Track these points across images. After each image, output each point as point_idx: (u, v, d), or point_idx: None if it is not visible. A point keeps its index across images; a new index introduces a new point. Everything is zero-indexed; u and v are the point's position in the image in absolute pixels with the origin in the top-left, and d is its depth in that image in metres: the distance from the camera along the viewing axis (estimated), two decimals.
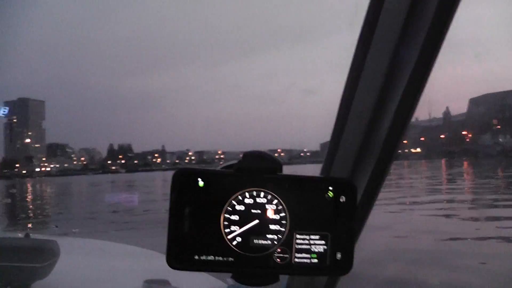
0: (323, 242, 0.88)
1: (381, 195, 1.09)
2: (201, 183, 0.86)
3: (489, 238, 10.52)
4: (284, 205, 0.87)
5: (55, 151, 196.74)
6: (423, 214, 14.91)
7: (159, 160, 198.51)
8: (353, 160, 1.14)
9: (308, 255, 0.88)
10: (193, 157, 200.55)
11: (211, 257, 0.86)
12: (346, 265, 0.89)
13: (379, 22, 1.00)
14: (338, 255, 0.88)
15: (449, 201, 19.51)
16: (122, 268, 3.13)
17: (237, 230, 0.86)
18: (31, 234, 2.71)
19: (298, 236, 0.87)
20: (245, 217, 0.87)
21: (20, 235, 2.85)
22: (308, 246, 0.88)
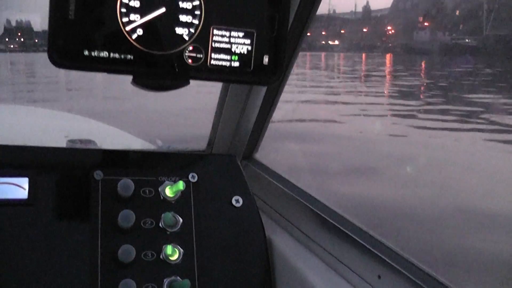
0: (247, 41, 0.71)
1: None
2: None
3: None
4: None
5: None
6: None
7: None
8: None
9: (228, 57, 0.71)
10: None
11: (104, 53, 0.67)
12: (274, 72, 0.72)
13: None
14: (265, 59, 0.72)
15: None
16: (46, 129, 2.95)
17: (137, 20, 0.68)
18: None
19: (215, 31, 0.70)
20: (148, 4, 0.68)
21: None
22: (228, 45, 0.71)
